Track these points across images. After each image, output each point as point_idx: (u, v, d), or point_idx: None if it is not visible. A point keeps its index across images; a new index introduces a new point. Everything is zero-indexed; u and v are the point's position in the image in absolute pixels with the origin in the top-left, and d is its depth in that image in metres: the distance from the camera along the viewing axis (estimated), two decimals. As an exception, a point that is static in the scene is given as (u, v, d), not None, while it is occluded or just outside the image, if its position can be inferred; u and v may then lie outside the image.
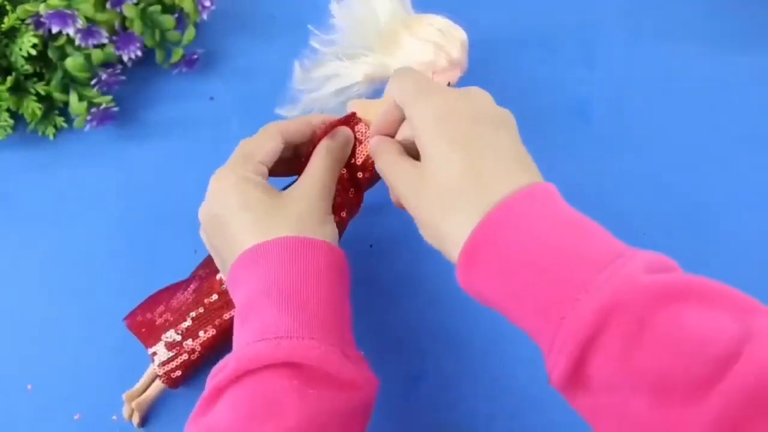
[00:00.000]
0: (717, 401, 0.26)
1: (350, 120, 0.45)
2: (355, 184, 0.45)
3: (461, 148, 0.34)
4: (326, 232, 0.40)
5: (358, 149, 0.45)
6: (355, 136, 0.45)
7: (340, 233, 0.44)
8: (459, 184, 0.33)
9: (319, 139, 0.43)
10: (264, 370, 0.33)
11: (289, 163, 0.45)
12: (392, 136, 0.41)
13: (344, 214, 0.45)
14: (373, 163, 0.45)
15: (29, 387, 0.48)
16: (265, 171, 0.42)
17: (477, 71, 0.57)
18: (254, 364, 0.33)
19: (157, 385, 0.46)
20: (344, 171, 0.45)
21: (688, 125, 0.56)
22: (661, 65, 0.59)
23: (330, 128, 0.43)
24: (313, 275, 0.37)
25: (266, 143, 0.42)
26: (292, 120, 0.44)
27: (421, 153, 0.36)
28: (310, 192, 0.41)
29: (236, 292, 0.39)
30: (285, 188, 0.42)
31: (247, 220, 0.38)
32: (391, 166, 0.38)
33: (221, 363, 0.35)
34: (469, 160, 0.34)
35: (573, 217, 0.32)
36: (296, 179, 0.44)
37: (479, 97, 0.37)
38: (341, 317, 0.38)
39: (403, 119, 0.40)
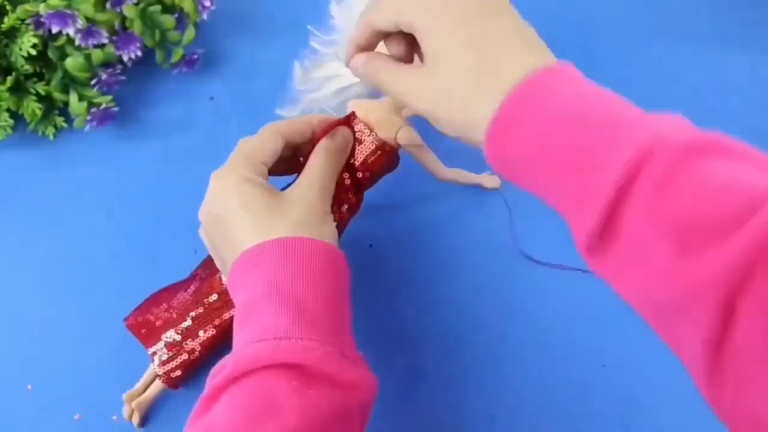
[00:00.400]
0: (737, 243, 0.25)
1: (350, 120, 0.45)
2: (355, 184, 0.45)
3: (470, 39, 0.34)
4: (325, 232, 0.40)
5: (358, 149, 0.45)
6: (354, 136, 0.45)
7: (340, 233, 0.44)
8: (475, 71, 0.33)
9: (318, 139, 0.43)
10: (263, 371, 0.33)
11: (289, 163, 0.45)
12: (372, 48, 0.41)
13: (345, 214, 0.45)
14: (372, 162, 0.45)
15: (29, 387, 0.48)
16: (266, 171, 0.42)
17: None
18: (253, 364, 0.33)
19: (157, 385, 0.46)
20: (344, 172, 0.45)
21: (688, 125, 0.56)
22: (661, 65, 0.59)
23: (329, 128, 0.43)
24: (312, 276, 0.37)
25: (267, 143, 0.42)
26: (291, 120, 0.44)
27: (426, 51, 0.35)
28: (309, 192, 0.41)
29: (236, 293, 0.39)
30: (285, 188, 0.42)
31: (248, 221, 0.39)
32: (394, 74, 0.37)
33: (220, 363, 0.35)
34: (481, 48, 0.34)
35: (596, 88, 0.33)
36: (295, 178, 0.44)
37: None
38: (340, 318, 0.38)
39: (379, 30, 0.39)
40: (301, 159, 0.44)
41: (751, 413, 0.26)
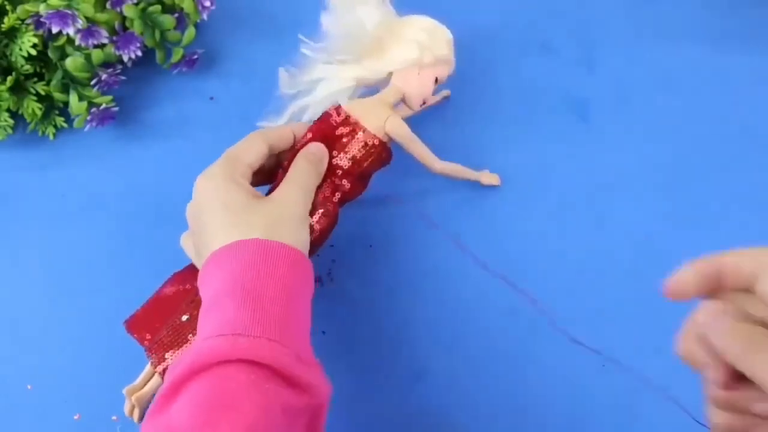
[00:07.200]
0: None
1: (335, 113, 0.46)
2: (347, 174, 0.46)
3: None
4: (298, 238, 0.41)
5: (347, 146, 0.46)
6: (340, 133, 0.46)
7: (333, 224, 0.45)
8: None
9: (301, 146, 0.45)
10: (221, 366, 0.34)
11: (269, 173, 0.46)
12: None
13: (338, 202, 0.45)
14: (362, 157, 0.46)
15: (29, 387, 0.48)
16: (250, 173, 0.43)
17: (477, 72, 0.57)
18: (210, 359, 0.34)
19: (157, 379, 0.46)
20: (341, 163, 0.45)
21: (687, 125, 0.56)
22: (661, 65, 0.59)
23: (310, 131, 0.44)
24: (277, 279, 0.38)
25: (253, 146, 0.44)
26: (275, 128, 0.46)
27: None
28: (288, 198, 0.42)
29: (205, 287, 0.39)
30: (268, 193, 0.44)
31: (226, 220, 0.40)
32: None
33: (177, 358, 0.36)
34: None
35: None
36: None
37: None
38: (299, 322, 0.39)
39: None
40: (284, 166, 0.45)
41: None
